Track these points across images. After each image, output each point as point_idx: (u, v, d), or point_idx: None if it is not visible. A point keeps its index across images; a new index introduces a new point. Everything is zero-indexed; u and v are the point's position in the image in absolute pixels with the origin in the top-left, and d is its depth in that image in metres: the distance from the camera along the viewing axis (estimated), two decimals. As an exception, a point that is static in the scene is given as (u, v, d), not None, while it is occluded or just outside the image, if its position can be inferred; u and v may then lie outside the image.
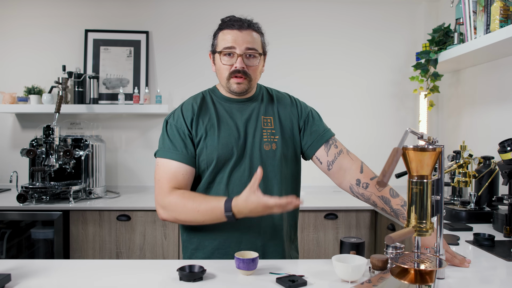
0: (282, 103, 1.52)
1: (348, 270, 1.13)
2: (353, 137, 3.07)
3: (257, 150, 1.42)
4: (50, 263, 1.33)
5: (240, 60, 1.38)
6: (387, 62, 3.13)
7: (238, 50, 1.38)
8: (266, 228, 1.42)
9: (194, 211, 1.31)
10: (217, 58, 1.43)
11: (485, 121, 2.46)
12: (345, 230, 2.53)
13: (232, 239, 1.41)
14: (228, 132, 1.42)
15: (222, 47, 1.40)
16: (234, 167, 1.41)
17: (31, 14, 3.06)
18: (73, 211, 2.46)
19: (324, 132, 1.50)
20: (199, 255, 1.45)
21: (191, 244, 1.47)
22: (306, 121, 1.51)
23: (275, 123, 1.47)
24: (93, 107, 2.90)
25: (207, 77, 3.07)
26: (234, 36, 1.39)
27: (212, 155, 1.39)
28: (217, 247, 1.42)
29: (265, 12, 3.08)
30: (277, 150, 1.44)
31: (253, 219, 1.39)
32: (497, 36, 1.91)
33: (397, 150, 1.00)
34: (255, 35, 1.42)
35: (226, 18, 1.44)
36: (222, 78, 1.43)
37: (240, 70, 1.38)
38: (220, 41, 1.42)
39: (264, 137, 1.44)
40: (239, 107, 1.47)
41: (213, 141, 1.40)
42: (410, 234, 1.02)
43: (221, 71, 1.43)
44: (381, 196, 1.39)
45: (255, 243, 1.42)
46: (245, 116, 1.45)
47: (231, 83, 1.41)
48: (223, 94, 1.49)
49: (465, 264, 1.27)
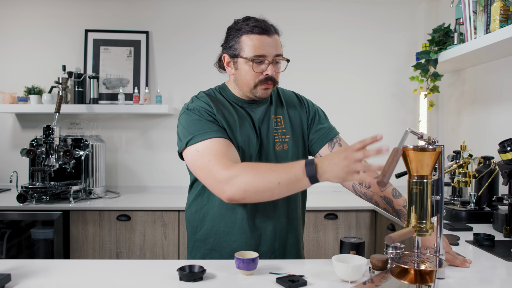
0: (290, 102, 1.52)
1: (348, 270, 1.13)
2: (353, 137, 3.05)
3: (271, 151, 1.41)
4: (50, 263, 1.33)
5: (271, 68, 1.34)
6: (387, 62, 3.13)
7: (270, 57, 1.34)
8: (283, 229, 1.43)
9: (270, 171, 1.16)
10: (240, 63, 1.36)
11: (485, 121, 2.46)
12: (345, 230, 2.53)
13: (252, 241, 1.39)
14: (248, 130, 1.39)
15: (252, 53, 1.33)
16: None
17: (31, 14, 3.06)
18: (73, 211, 2.46)
19: (329, 130, 1.51)
20: (214, 256, 1.42)
21: (206, 244, 1.43)
22: (313, 119, 1.51)
23: (285, 123, 1.46)
24: (93, 107, 2.90)
25: (207, 76, 3.07)
26: (265, 42, 1.33)
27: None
28: (236, 249, 1.38)
29: (265, 12, 3.06)
30: (288, 150, 1.43)
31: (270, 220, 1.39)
32: (497, 36, 1.91)
33: (397, 150, 1.00)
34: (279, 39, 1.39)
35: (251, 23, 1.35)
36: (247, 85, 1.37)
37: (271, 78, 1.36)
38: (247, 46, 1.34)
39: (276, 138, 1.43)
40: (251, 107, 1.44)
41: (235, 139, 1.35)
42: (410, 234, 1.02)
43: (247, 77, 1.36)
44: (383, 196, 1.39)
45: (273, 245, 1.42)
46: (257, 117, 1.43)
47: (258, 90, 1.37)
48: (235, 94, 1.44)
49: (466, 265, 1.27)
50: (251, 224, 1.39)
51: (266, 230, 1.40)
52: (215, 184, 1.23)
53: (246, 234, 1.39)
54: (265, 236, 1.41)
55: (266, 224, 1.40)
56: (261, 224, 1.40)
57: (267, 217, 1.40)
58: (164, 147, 3.09)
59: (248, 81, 1.36)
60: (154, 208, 2.47)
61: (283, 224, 1.43)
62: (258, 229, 1.40)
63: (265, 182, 1.16)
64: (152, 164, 3.10)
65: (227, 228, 1.40)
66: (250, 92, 1.38)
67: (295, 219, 1.46)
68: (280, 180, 1.15)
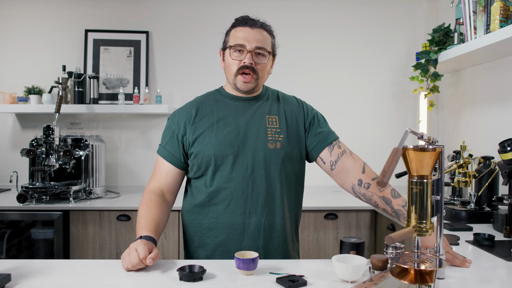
0: (288, 104, 1.54)
1: (348, 270, 1.13)
2: (353, 137, 3.07)
3: (261, 148, 1.43)
4: (50, 263, 1.33)
5: (249, 56, 1.41)
6: (387, 62, 3.13)
7: (248, 46, 1.41)
8: (267, 227, 1.43)
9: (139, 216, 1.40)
10: (226, 54, 1.46)
11: (485, 121, 2.46)
12: (345, 230, 2.53)
13: (234, 237, 1.42)
14: (227, 130, 1.44)
15: (233, 43, 1.43)
16: (235, 165, 1.41)
17: (31, 14, 3.06)
18: (73, 211, 2.46)
19: (328, 134, 1.52)
20: (200, 253, 1.46)
21: (193, 242, 1.48)
22: (311, 122, 1.52)
23: (280, 122, 1.48)
24: (93, 107, 2.90)
25: (207, 76, 3.08)
26: (246, 33, 1.42)
27: (209, 153, 1.42)
28: (219, 245, 1.43)
29: (265, 12, 3.06)
30: (281, 149, 1.45)
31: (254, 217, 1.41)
32: (497, 36, 1.91)
33: (397, 150, 1.00)
34: (266, 35, 1.46)
35: (240, 17, 1.48)
36: (230, 74, 1.46)
37: (248, 66, 1.41)
38: (231, 37, 1.45)
39: (269, 136, 1.45)
40: (244, 105, 1.49)
41: (211, 139, 1.43)
42: (410, 234, 1.02)
43: (229, 66, 1.45)
44: (383, 197, 1.39)
45: (256, 242, 1.42)
46: (248, 115, 1.47)
47: (237, 80, 1.44)
48: (229, 92, 1.51)
49: (466, 265, 1.27)
50: (233, 220, 1.42)
51: (250, 227, 1.42)
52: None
53: (228, 229, 1.42)
54: (248, 232, 1.42)
55: (249, 220, 1.42)
56: (244, 220, 1.42)
57: (249, 213, 1.42)
58: (164, 147, 3.09)
59: (230, 69, 1.45)
60: (154, 208, 2.47)
61: (267, 222, 1.43)
62: (241, 225, 1.42)
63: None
64: (152, 164, 3.07)
65: (210, 224, 1.44)
66: (233, 83, 1.46)
67: (280, 217, 1.45)
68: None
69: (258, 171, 1.42)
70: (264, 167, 1.42)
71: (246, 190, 1.41)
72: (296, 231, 1.55)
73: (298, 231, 1.58)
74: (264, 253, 1.43)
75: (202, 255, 1.46)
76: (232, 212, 1.42)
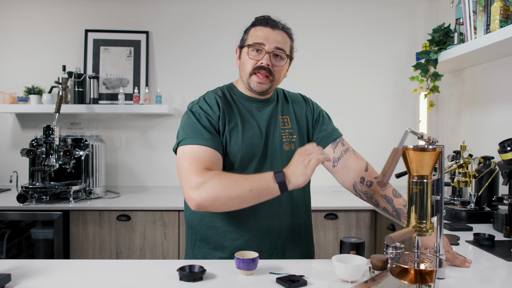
0: (296, 102, 1.54)
1: (348, 270, 1.13)
2: (353, 137, 3.06)
3: (278, 150, 1.43)
4: (50, 263, 1.33)
5: (267, 57, 1.37)
6: (387, 62, 3.13)
7: (267, 47, 1.37)
8: (287, 227, 1.43)
9: (242, 179, 1.22)
10: (243, 52, 1.41)
11: (485, 121, 2.46)
12: (345, 230, 2.53)
13: (255, 239, 1.40)
14: (252, 132, 1.40)
15: (252, 41, 1.39)
16: (257, 168, 1.39)
17: (31, 14, 3.06)
18: (73, 211, 2.46)
19: (332, 131, 1.52)
20: (216, 256, 1.41)
21: (208, 244, 1.43)
22: (317, 119, 1.53)
23: (292, 123, 1.48)
24: (93, 107, 2.90)
25: (207, 76, 3.08)
26: (266, 33, 1.39)
27: (236, 155, 1.37)
28: (238, 248, 1.38)
29: (264, 12, 3.07)
30: (296, 149, 1.42)
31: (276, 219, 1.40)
32: (497, 36, 1.91)
33: (397, 150, 1.00)
34: (286, 37, 1.43)
35: (261, 17, 1.44)
36: (245, 73, 1.41)
37: (265, 67, 1.37)
38: (250, 36, 1.41)
39: (283, 138, 1.44)
40: (258, 106, 1.46)
41: (237, 141, 1.37)
42: (410, 234, 1.02)
43: (245, 65, 1.40)
44: (384, 195, 1.39)
45: (275, 242, 1.42)
46: (265, 116, 1.45)
47: (251, 80, 1.39)
48: (242, 92, 1.47)
49: (466, 265, 1.27)
50: (255, 223, 1.39)
51: (271, 229, 1.41)
52: (186, 188, 1.25)
53: (249, 232, 1.39)
54: (268, 234, 1.41)
55: (271, 222, 1.41)
56: (266, 222, 1.40)
57: (271, 215, 1.40)
58: (164, 147, 3.09)
59: (245, 68, 1.40)
60: (154, 208, 2.47)
61: (287, 223, 1.43)
62: (262, 228, 1.40)
63: (237, 189, 1.21)
64: (152, 164, 3.10)
65: (229, 227, 1.40)
66: (247, 83, 1.42)
67: (298, 217, 1.46)
68: (252, 187, 1.20)
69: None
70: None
71: None
72: (311, 230, 1.56)
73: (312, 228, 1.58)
74: (282, 252, 1.43)
75: (218, 256, 1.42)
76: (254, 215, 1.39)
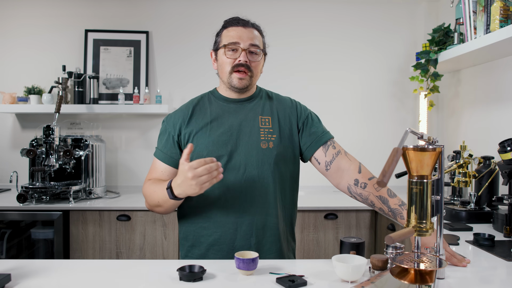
0: (281, 104, 1.55)
1: (348, 270, 1.13)
2: (353, 137, 3.07)
3: (254, 148, 1.44)
4: (50, 263, 1.33)
5: (244, 54, 1.43)
6: (387, 62, 3.13)
7: (243, 45, 1.43)
8: (260, 226, 1.43)
9: (152, 192, 1.41)
10: (220, 54, 1.47)
11: (485, 121, 2.46)
12: (345, 230, 2.53)
13: (227, 236, 1.43)
14: (220, 131, 1.45)
15: (227, 41, 1.44)
16: (228, 165, 1.42)
17: (31, 14, 3.06)
18: (73, 211, 2.46)
19: (322, 134, 1.52)
20: (194, 252, 1.47)
21: (187, 241, 1.49)
22: (305, 122, 1.52)
23: (273, 123, 1.49)
24: (93, 107, 2.90)
25: (207, 77, 3.08)
26: (239, 32, 1.44)
27: (202, 153, 1.43)
28: (212, 244, 1.43)
29: (265, 12, 3.08)
30: (273, 148, 1.45)
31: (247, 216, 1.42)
32: (497, 36, 1.91)
33: (397, 150, 1.00)
34: (258, 34, 1.49)
35: (230, 18, 1.50)
36: (224, 73, 1.47)
37: (243, 64, 1.43)
38: (224, 37, 1.47)
39: (262, 136, 1.46)
40: (237, 107, 1.50)
41: (204, 140, 1.45)
42: (410, 234, 1.02)
43: (223, 65, 1.46)
44: (379, 196, 1.40)
45: (249, 241, 1.43)
46: (241, 116, 1.48)
47: (232, 78, 1.45)
48: (222, 94, 1.53)
49: (463, 264, 1.27)
50: (226, 219, 1.42)
51: (242, 226, 1.42)
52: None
53: (221, 228, 1.43)
54: (240, 231, 1.42)
55: (242, 219, 1.42)
56: (237, 219, 1.42)
57: (242, 212, 1.42)
58: (164, 147, 3.09)
59: (224, 69, 1.46)
60: (154, 208, 2.47)
61: (260, 221, 1.44)
62: (233, 224, 1.42)
63: (153, 202, 1.42)
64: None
65: (204, 223, 1.44)
66: (228, 82, 1.47)
67: (273, 217, 1.45)
68: (159, 199, 1.38)
69: (251, 170, 1.42)
70: (257, 167, 1.43)
71: (239, 189, 1.42)
72: (291, 231, 1.55)
73: (294, 231, 1.57)
74: (257, 250, 1.43)
75: (196, 254, 1.46)
76: (225, 211, 1.42)
